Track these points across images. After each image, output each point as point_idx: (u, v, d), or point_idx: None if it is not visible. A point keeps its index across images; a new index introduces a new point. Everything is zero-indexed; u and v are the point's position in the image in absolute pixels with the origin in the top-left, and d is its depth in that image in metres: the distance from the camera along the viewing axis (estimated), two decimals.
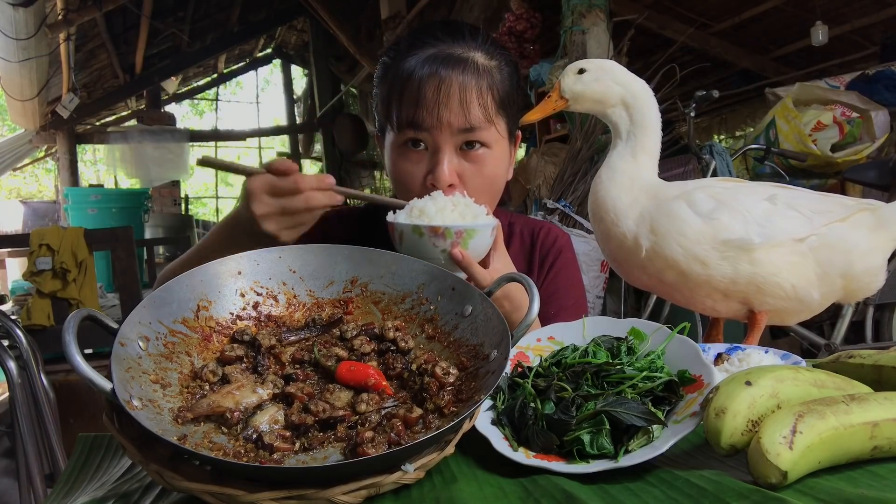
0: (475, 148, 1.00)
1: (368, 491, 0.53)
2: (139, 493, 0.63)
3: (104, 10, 5.42)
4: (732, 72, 6.39)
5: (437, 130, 0.98)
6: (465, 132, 0.98)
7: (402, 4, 5.74)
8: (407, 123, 0.99)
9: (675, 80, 3.08)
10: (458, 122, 0.97)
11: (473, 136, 0.99)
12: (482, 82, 1.00)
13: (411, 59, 1.00)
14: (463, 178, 1.00)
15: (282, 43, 9.90)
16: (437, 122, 0.97)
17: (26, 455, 1.70)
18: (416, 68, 0.99)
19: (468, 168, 1.00)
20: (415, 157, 1.01)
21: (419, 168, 1.01)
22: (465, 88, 0.98)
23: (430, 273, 0.76)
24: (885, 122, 3.38)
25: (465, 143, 1.00)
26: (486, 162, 1.01)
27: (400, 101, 1.00)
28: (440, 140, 0.98)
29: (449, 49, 1.01)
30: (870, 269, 0.96)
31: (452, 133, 0.98)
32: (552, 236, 1.21)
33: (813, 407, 0.54)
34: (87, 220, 5.26)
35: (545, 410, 0.64)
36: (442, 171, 0.98)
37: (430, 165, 1.00)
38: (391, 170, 1.05)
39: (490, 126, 1.00)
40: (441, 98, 0.97)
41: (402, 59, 1.02)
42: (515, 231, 1.21)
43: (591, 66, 1.01)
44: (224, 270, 0.73)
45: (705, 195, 0.96)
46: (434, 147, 0.99)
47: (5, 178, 12.44)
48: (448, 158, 0.99)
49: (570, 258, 1.21)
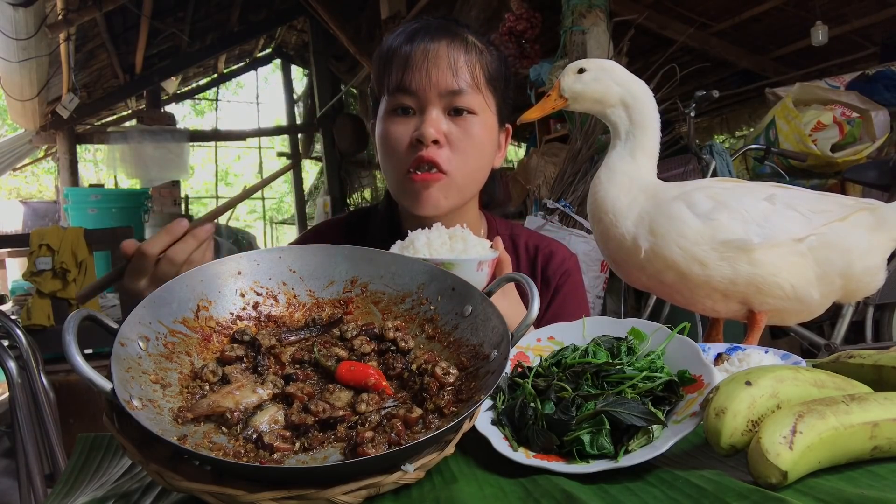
0: (462, 114, 1.02)
1: (368, 491, 0.53)
2: (139, 493, 0.63)
3: (104, 10, 5.42)
4: (732, 72, 6.39)
5: (425, 91, 1.00)
6: (452, 94, 1.00)
7: (402, 4, 5.74)
8: (396, 87, 1.01)
9: (675, 80, 3.08)
10: (446, 82, 1.00)
11: (461, 99, 1.01)
12: (471, 52, 1.03)
13: (401, 32, 1.04)
14: (450, 139, 1.01)
15: (282, 43, 9.90)
16: (425, 83, 0.99)
17: (26, 455, 1.70)
18: (405, 37, 1.03)
19: (455, 130, 1.01)
20: (403, 121, 1.02)
21: (406, 129, 1.02)
22: (453, 52, 1.01)
23: (430, 273, 0.76)
24: (885, 122, 3.38)
25: (454, 109, 1.01)
26: (474, 127, 1.02)
27: (390, 67, 1.02)
28: (427, 100, 1.00)
29: (440, 23, 1.05)
30: (869, 269, 0.96)
31: (440, 94, 1.00)
32: (560, 257, 1.20)
33: (813, 407, 0.54)
34: (87, 220, 5.27)
35: (545, 410, 0.64)
36: (427, 127, 0.99)
37: (416, 125, 1.01)
38: (380, 140, 1.06)
39: (477, 93, 1.02)
40: (429, 59, 0.99)
41: (393, 35, 1.05)
42: (520, 244, 1.20)
43: (590, 65, 1.01)
44: (224, 270, 0.73)
45: (704, 195, 0.96)
46: (421, 108, 1.01)
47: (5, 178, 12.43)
48: (435, 116, 1.00)
49: (577, 281, 1.20)
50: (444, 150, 1.01)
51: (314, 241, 1.01)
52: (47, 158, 9.48)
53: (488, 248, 0.87)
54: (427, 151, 0.99)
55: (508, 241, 1.20)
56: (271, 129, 10.87)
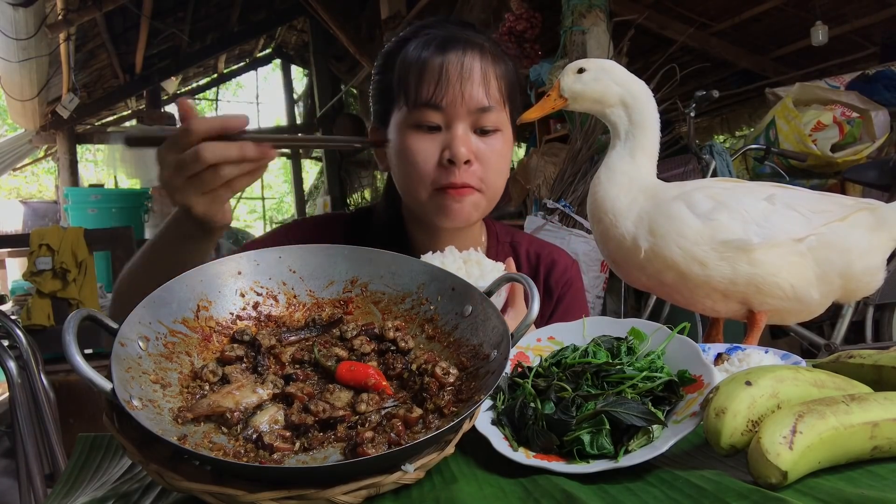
0: (489, 133, 1.01)
1: (368, 491, 0.53)
2: (139, 493, 0.63)
3: (104, 10, 5.42)
4: (732, 72, 6.39)
5: (455, 107, 0.97)
6: (481, 111, 0.99)
7: (402, 4, 5.75)
8: (423, 102, 0.97)
9: (675, 80, 3.08)
10: (478, 99, 0.98)
11: (488, 117, 0.99)
12: (497, 67, 1.01)
13: (425, 40, 1.00)
14: (479, 157, 1.00)
15: (282, 43, 9.90)
16: (457, 98, 0.97)
17: (26, 455, 1.70)
18: (428, 45, 0.99)
19: (483, 148, 1.00)
20: (429, 137, 0.99)
21: (433, 146, 0.99)
22: (485, 67, 0.99)
23: (430, 273, 0.76)
24: (885, 122, 3.38)
25: (480, 128, 1.00)
26: (499, 145, 1.02)
27: (418, 77, 0.98)
28: (457, 116, 0.98)
29: (462, 34, 1.02)
30: (869, 269, 0.96)
31: (470, 111, 0.98)
32: (562, 266, 1.19)
33: (813, 407, 0.54)
34: (87, 220, 5.26)
35: (545, 410, 0.64)
36: (459, 147, 0.97)
37: (444, 143, 0.99)
38: (400, 151, 1.01)
39: (502, 110, 1.02)
40: (464, 73, 0.97)
41: (413, 41, 1.01)
42: (521, 252, 1.19)
43: (590, 65, 1.01)
44: (224, 270, 0.73)
45: (704, 195, 0.96)
46: (449, 124, 0.99)
47: (5, 178, 12.43)
48: (464, 135, 0.98)
49: (579, 288, 1.20)
50: (475, 168, 0.99)
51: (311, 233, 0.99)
52: (47, 158, 9.48)
53: (502, 271, 0.87)
54: (460, 176, 0.98)
55: (509, 250, 1.19)
56: (271, 129, 10.88)
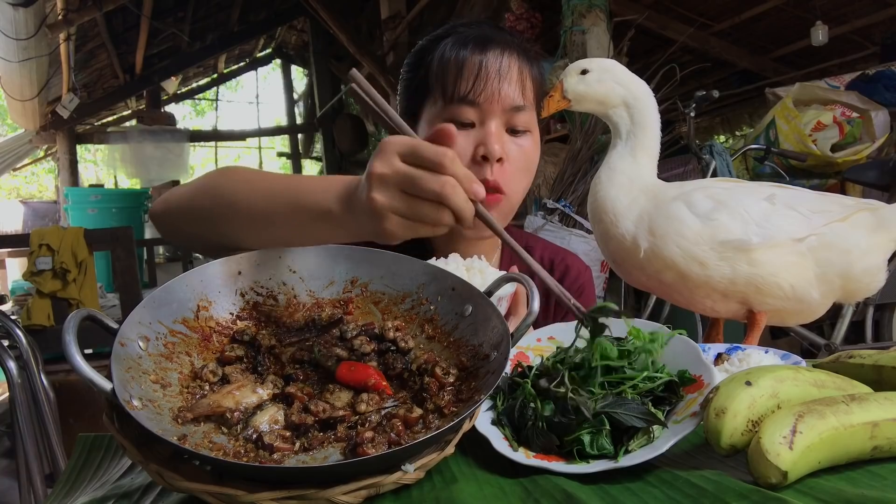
0: (519, 134, 1.01)
1: (368, 491, 0.53)
2: (139, 493, 0.63)
3: (104, 10, 5.42)
4: (732, 72, 6.38)
5: (491, 104, 0.98)
6: (515, 111, 0.99)
7: (402, 4, 5.74)
8: (459, 97, 0.98)
9: (675, 80, 3.08)
10: (513, 98, 0.99)
11: (520, 117, 1.00)
12: (531, 68, 1.02)
13: (462, 37, 1.01)
14: (508, 157, 1.00)
15: (282, 43, 9.90)
16: (494, 95, 0.97)
17: (26, 455, 1.70)
18: (466, 42, 1.00)
19: (514, 149, 1.01)
20: (462, 132, 0.99)
21: (468, 142, 0.99)
22: (521, 68, 1.00)
23: (430, 273, 0.76)
24: (885, 122, 3.38)
25: (512, 128, 1.01)
26: (529, 147, 1.02)
27: (456, 72, 0.99)
28: (492, 113, 0.98)
29: (498, 35, 1.03)
30: (869, 270, 0.96)
31: (504, 109, 0.99)
32: (575, 272, 1.19)
33: (813, 407, 0.54)
34: (87, 220, 5.26)
35: (545, 411, 0.64)
36: (493, 143, 0.97)
37: (478, 139, 0.99)
38: None
39: (532, 110, 1.02)
40: (502, 71, 0.98)
41: (448, 39, 1.02)
42: (535, 257, 1.18)
43: (593, 66, 1.02)
44: (224, 270, 0.73)
45: (704, 196, 0.96)
46: (484, 120, 0.99)
47: (5, 178, 12.43)
48: (499, 132, 0.99)
49: (591, 296, 1.20)
50: (505, 168, 0.99)
51: None
52: (47, 158, 9.48)
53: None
54: (492, 175, 0.98)
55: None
56: (271, 129, 10.87)
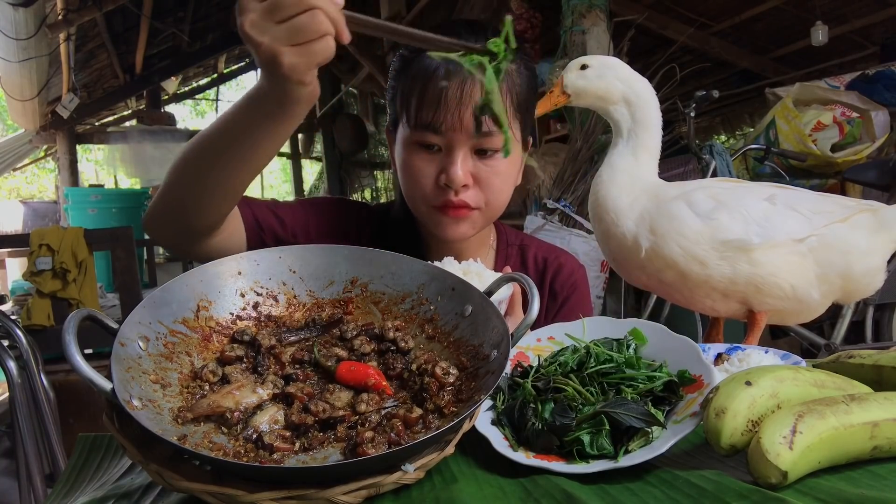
0: (489, 154, 0.99)
1: (368, 491, 0.53)
2: (139, 493, 0.63)
3: (104, 10, 5.41)
4: (732, 72, 6.38)
5: (454, 133, 0.96)
6: (482, 137, 0.97)
7: (401, 4, 5.74)
8: (423, 125, 0.97)
9: (675, 80, 3.08)
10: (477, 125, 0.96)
11: (489, 141, 0.97)
12: (502, 86, 0.98)
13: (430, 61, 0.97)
14: (477, 180, 0.99)
15: None
16: (455, 124, 0.95)
17: (26, 455, 1.70)
18: (436, 68, 0.96)
19: (483, 170, 0.99)
20: (427, 157, 0.99)
21: (431, 167, 0.99)
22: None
23: (430, 273, 0.76)
24: (885, 122, 3.38)
25: (481, 149, 0.98)
26: (501, 166, 1.00)
27: (419, 100, 0.97)
28: (455, 141, 0.97)
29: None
30: (869, 270, 0.96)
31: (469, 136, 0.97)
32: (568, 269, 1.18)
33: (813, 407, 0.54)
34: (87, 220, 5.26)
35: (545, 411, 0.64)
36: (456, 172, 0.96)
37: (442, 165, 0.98)
38: (402, 165, 1.03)
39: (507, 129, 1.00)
40: (462, 100, 0.95)
41: (422, 54, 0.99)
42: (528, 256, 1.19)
43: (594, 61, 1.01)
44: (224, 270, 0.73)
45: (705, 195, 0.96)
46: (448, 148, 0.98)
47: (5, 178, 12.44)
48: (462, 159, 0.97)
49: (584, 293, 1.19)
50: (473, 190, 0.99)
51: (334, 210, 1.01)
52: (47, 158, 9.48)
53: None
54: (457, 198, 0.98)
55: (517, 253, 1.19)
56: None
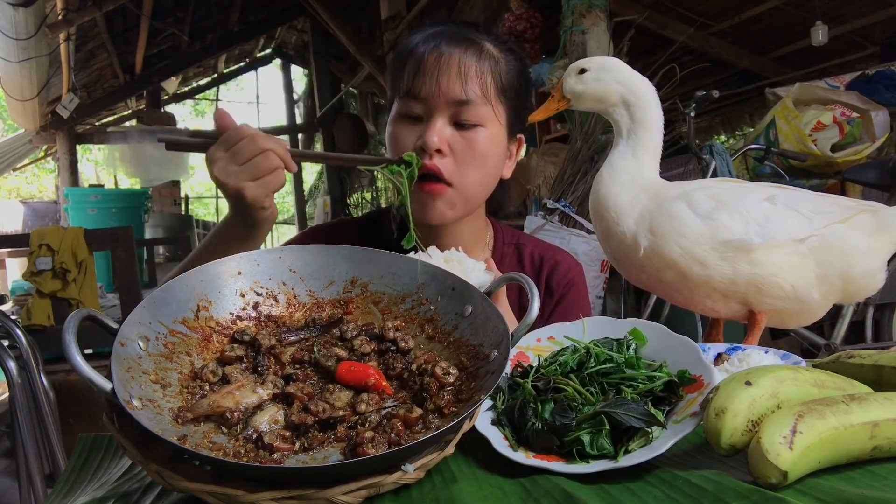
0: (468, 127, 1.01)
1: (368, 491, 0.53)
2: (139, 493, 0.63)
3: (104, 10, 5.42)
4: (732, 72, 6.39)
5: (432, 98, 0.99)
6: (459, 104, 0.99)
7: (402, 4, 5.74)
8: (405, 92, 1.01)
9: (675, 80, 3.08)
10: (454, 92, 0.99)
11: (467, 111, 1.00)
12: (484, 62, 1.01)
13: (419, 34, 1.04)
14: (454, 150, 1.01)
15: (282, 43, 9.90)
16: (433, 90, 0.98)
17: (26, 455, 1.70)
18: (420, 41, 1.02)
19: (460, 142, 1.01)
20: (409, 125, 1.02)
21: (412, 134, 1.01)
22: (465, 62, 0.99)
23: (430, 273, 0.76)
24: (885, 122, 3.38)
25: (460, 121, 1.00)
26: (479, 141, 1.01)
27: (402, 70, 1.02)
28: (434, 108, 0.99)
29: (458, 30, 1.04)
30: (869, 271, 0.96)
31: (447, 103, 0.99)
32: (564, 267, 1.19)
33: (813, 407, 0.54)
34: (87, 220, 5.27)
35: (545, 411, 0.64)
36: (431, 135, 0.98)
37: (421, 132, 1.00)
38: (389, 138, 1.06)
39: (486, 104, 1.01)
40: (440, 66, 0.98)
41: (411, 38, 1.05)
42: (524, 254, 1.19)
43: (591, 65, 1.02)
44: (224, 270, 0.73)
45: (705, 195, 0.96)
46: (428, 114, 1.00)
47: (5, 178, 12.44)
48: (440, 125, 0.99)
49: (581, 291, 1.19)
50: (448, 160, 1.00)
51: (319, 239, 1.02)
52: (47, 158, 9.48)
53: (483, 272, 0.86)
54: (430, 161, 0.99)
55: (513, 252, 1.19)
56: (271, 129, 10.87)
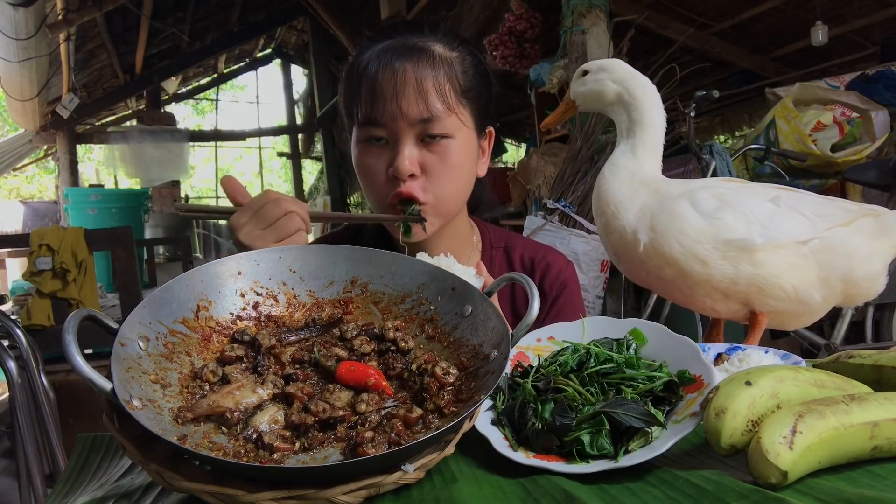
0: (437, 140, 0.99)
1: (368, 491, 0.53)
2: (139, 493, 0.63)
3: (104, 10, 5.42)
4: (732, 72, 6.38)
5: (395, 122, 0.97)
6: (423, 122, 0.97)
7: (402, 4, 5.74)
8: (365, 119, 0.99)
9: (675, 81, 3.08)
10: (416, 112, 0.96)
11: (433, 126, 0.98)
12: (439, 71, 0.99)
13: (368, 52, 1.00)
14: (425, 169, 0.99)
15: (282, 43, 9.90)
16: (394, 114, 0.96)
17: (26, 455, 1.70)
18: (370, 61, 0.99)
19: (430, 158, 0.99)
20: (376, 151, 1.00)
21: (381, 161, 1.00)
22: (421, 78, 0.97)
23: (430, 273, 0.76)
24: (885, 122, 3.37)
25: (427, 136, 0.98)
26: (450, 153, 1.00)
27: (357, 96, 0.99)
28: (399, 131, 0.98)
29: (405, 41, 1.01)
30: (870, 275, 0.96)
31: (411, 124, 0.97)
32: (556, 268, 1.17)
33: (813, 407, 0.54)
34: (87, 220, 5.27)
35: (545, 411, 0.64)
36: (402, 162, 0.97)
37: (390, 158, 0.99)
38: (357, 166, 1.05)
39: (450, 115, 0.99)
40: (397, 88, 0.96)
41: (361, 54, 1.02)
42: (514, 257, 1.18)
43: (592, 67, 1.05)
44: (224, 270, 0.73)
45: (708, 195, 0.96)
46: (393, 139, 0.99)
47: (5, 178, 12.44)
48: (408, 149, 0.98)
49: (574, 291, 1.18)
50: (421, 180, 0.99)
51: None
52: (47, 158, 9.48)
53: (473, 276, 0.86)
54: (404, 187, 0.98)
55: (502, 256, 1.18)
56: (271, 129, 10.88)
